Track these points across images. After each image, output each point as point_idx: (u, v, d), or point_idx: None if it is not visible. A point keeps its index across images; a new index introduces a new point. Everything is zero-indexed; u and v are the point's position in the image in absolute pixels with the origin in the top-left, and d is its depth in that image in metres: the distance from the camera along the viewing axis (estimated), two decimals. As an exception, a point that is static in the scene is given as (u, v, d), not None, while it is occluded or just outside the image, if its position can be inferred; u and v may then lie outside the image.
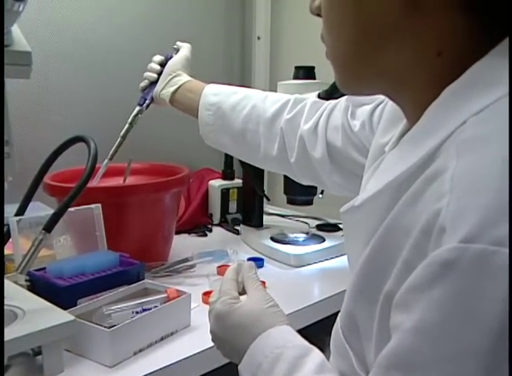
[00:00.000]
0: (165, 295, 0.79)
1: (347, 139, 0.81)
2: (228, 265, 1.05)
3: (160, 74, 1.01)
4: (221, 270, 1.02)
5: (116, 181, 1.13)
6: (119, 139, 1.03)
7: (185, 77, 0.99)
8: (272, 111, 0.89)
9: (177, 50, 1.04)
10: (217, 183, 1.40)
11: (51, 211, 0.89)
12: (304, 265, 1.11)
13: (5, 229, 0.80)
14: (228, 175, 1.41)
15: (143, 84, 1.04)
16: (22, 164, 0.68)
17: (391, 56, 0.41)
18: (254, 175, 1.25)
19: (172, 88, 0.97)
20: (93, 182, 0.99)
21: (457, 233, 0.29)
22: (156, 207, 1.03)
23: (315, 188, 1.19)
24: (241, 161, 1.21)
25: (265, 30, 1.58)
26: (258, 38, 1.59)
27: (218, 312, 0.57)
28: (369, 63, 0.42)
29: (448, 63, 0.39)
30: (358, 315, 0.43)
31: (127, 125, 1.03)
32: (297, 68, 1.15)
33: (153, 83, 1.02)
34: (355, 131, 0.79)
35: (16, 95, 1.09)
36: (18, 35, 0.61)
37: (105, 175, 1.04)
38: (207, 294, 0.91)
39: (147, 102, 1.02)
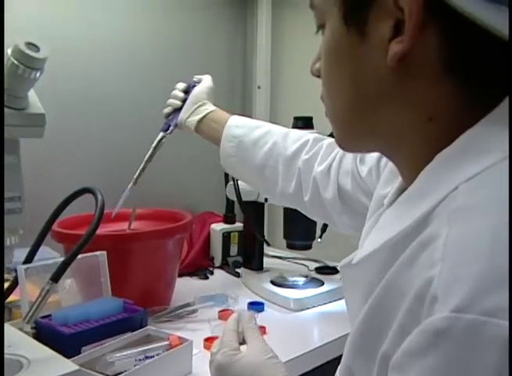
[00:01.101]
0: (167, 342, 0.81)
1: (356, 184, 0.83)
2: (229, 310, 1.07)
3: (183, 101, 1.03)
4: (223, 315, 1.04)
5: (120, 226, 1.16)
6: (143, 164, 1.04)
7: (210, 107, 1.00)
8: (292, 150, 0.91)
9: (198, 80, 1.05)
10: (218, 227, 1.43)
11: (58, 259, 0.93)
12: (303, 309, 1.13)
13: (13, 276, 0.83)
14: (229, 219, 1.45)
15: (167, 110, 1.05)
16: (31, 210, 0.71)
17: (385, 119, 0.43)
18: (254, 220, 1.28)
19: (198, 117, 0.99)
20: (114, 211, 1.04)
21: (449, 302, 0.30)
22: (159, 253, 1.05)
23: (314, 233, 1.22)
24: (242, 207, 1.25)
25: (265, 79, 1.64)
26: (259, 88, 1.65)
27: (219, 364, 0.59)
28: (366, 124, 0.45)
29: (440, 127, 0.41)
30: (357, 371, 0.43)
31: (151, 150, 1.04)
32: (296, 118, 1.19)
33: (177, 110, 1.03)
34: (363, 176, 0.81)
35: (27, 148, 1.14)
36: (33, 98, 0.65)
37: (110, 220, 1.07)
38: (208, 340, 0.93)
39: (171, 128, 1.04)
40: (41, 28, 1.21)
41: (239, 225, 1.44)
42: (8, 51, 0.58)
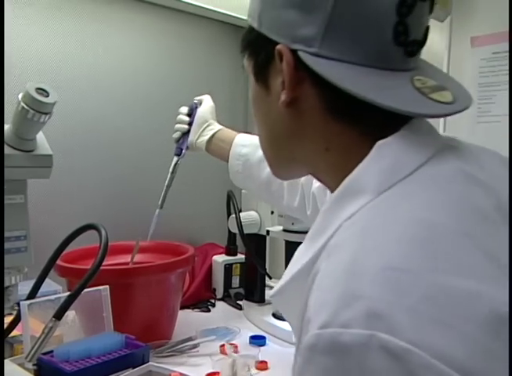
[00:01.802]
0: (169, 380, 0.81)
1: None
2: (231, 344, 1.07)
3: (189, 123, 1.07)
4: (224, 349, 1.04)
5: (123, 259, 1.17)
6: (164, 189, 1.11)
7: (216, 126, 1.05)
8: None
9: (199, 102, 1.09)
10: (220, 259, 1.43)
11: (61, 295, 0.93)
12: (305, 344, 1.12)
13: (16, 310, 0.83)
14: (231, 250, 1.45)
15: (176, 135, 1.09)
16: (35, 245, 0.72)
17: (295, 150, 0.53)
18: (256, 253, 1.29)
19: (206, 138, 1.04)
20: (148, 236, 1.11)
21: (316, 321, 0.35)
22: (162, 286, 1.06)
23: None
24: (244, 240, 1.26)
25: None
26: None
27: None
28: (283, 155, 0.55)
29: (336, 156, 0.49)
30: None
31: (169, 175, 1.11)
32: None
33: (185, 133, 1.08)
34: None
35: (30, 182, 1.16)
36: (41, 140, 0.67)
37: (112, 253, 1.08)
38: (210, 375, 0.92)
39: (183, 152, 1.09)
40: (42, 63, 1.24)
41: (241, 256, 1.45)
42: (19, 96, 0.60)
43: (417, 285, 0.33)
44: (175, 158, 1.10)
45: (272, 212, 1.30)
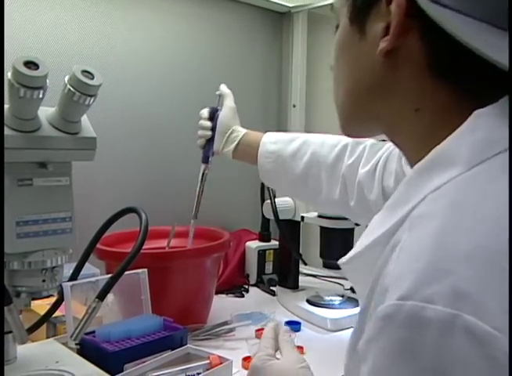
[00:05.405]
0: (208, 362, 0.82)
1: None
2: (266, 329, 1.07)
3: (212, 128, 1.05)
4: (260, 334, 1.04)
5: (158, 243, 1.18)
6: (196, 198, 1.11)
7: (240, 131, 1.03)
8: (332, 157, 0.92)
9: (219, 98, 1.07)
10: (254, 245, 1.44)
11: (102, 276, 0.95)
12: (340, 330, 1.12)
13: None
14: (264, 236, 1.45)
15: (200, 142, 1.07)
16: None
17: (379, 106, 0.49)
18: (290, 238, 1.29)
19: (232, 146, 1.02)
20: (188, 244, 1.11)
21: (395, 292, 0.34)
22: (198, 271, 1.07)
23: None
24: (278, 224, 1.26)
25: (301, 98, 1.66)
26: (294, 106, 1.66)
27: (253, 366, 0.62)
28: (363, 109, 0.51)
29: (426, 118, 0.45)
30: (349, 371, 0.46)
31: (199, 184, 1.10)
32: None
33: (209, 140, 1.05)
34: None
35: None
36: (86, 123, 0.68)
37: (149, 237, 1.09)
38: (246, 359, 0.93)
39: (210, 159, 1.07)
40: (79, 52, 1.25)
41: (274, 243, 1.45)
42: (65, 79, 0.61)
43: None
44: (203, 166, 1.08)
45: (307, 198, 1.29)
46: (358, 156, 0.91)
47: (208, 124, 1.05)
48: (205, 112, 1.07)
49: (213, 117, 1.05)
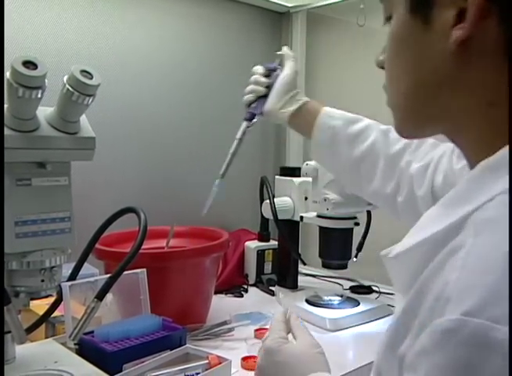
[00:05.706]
0: (207, 362, 0.82)
1: (448, 181, 0.79)
2: (265, 329, 1.07)
3: (267, 86, 0.96)
4: (259, 334, 1.04)
5: (157, 243, 1.18)
6: (229, 157, 0.97)
7: (303, 97, 0.94)
8: (396, 149, 0.87)
9: (280, 59, 0.99)
10: (253, 245, 1.44)
11: (100, 276, 0.95)
12: (339, 330, 1.12)
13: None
14: (264, 236, 1.45)
15: (250, 98, 0.97)
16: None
17: (445, 104, 0.45)
18: (289, 238, 1.29)
19: (293, 108, 0.92)
20: (205, 209, 0.98)
21: (461, 306, 0.32)
22: (197, 270, 1.07)
23: (351, 252, 1.22)
24: (277, 224, 1.26)
25: (300, 97, 1.65)
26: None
27: (268, 348, 0.61)
28: (426, 109, 0.47)
29: (500, 112, 0.41)
30: (384, 370, 0.43)
31: (236, 141, 0.97)
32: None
33: (260, 97, 0.96)
34: (457, 173, 0.78)
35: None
36: (84, 122, 0.68)
37: (147, 237, 1.08)
38: (245, 359, 0.93)
39: (256, 117, 0.97)
40: (78, 52, 1.25)
41: (273, 243, 1.45)
42: (64, 78, 0.61)
43: None
44: (244, 123, 0.96)
45: (306, 198, 1.29)
46: (418, 153, 0.86)
47: (264, 80, 0.96)
48: (260, 68, 0.97)
49: (268, 75, 0.96)
